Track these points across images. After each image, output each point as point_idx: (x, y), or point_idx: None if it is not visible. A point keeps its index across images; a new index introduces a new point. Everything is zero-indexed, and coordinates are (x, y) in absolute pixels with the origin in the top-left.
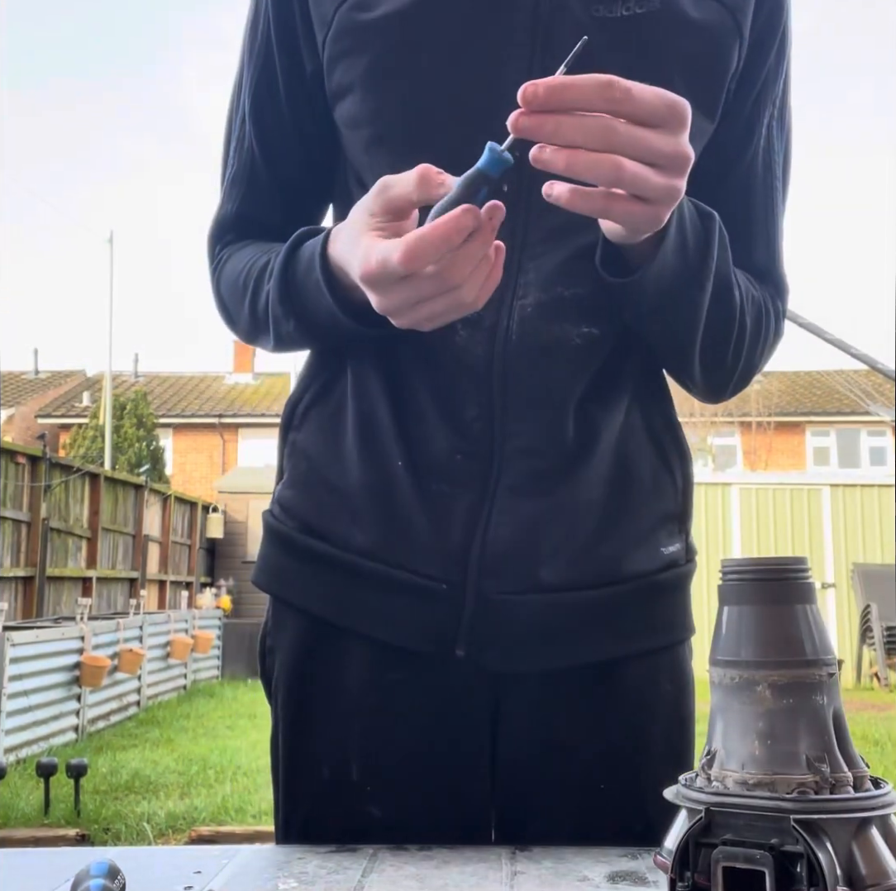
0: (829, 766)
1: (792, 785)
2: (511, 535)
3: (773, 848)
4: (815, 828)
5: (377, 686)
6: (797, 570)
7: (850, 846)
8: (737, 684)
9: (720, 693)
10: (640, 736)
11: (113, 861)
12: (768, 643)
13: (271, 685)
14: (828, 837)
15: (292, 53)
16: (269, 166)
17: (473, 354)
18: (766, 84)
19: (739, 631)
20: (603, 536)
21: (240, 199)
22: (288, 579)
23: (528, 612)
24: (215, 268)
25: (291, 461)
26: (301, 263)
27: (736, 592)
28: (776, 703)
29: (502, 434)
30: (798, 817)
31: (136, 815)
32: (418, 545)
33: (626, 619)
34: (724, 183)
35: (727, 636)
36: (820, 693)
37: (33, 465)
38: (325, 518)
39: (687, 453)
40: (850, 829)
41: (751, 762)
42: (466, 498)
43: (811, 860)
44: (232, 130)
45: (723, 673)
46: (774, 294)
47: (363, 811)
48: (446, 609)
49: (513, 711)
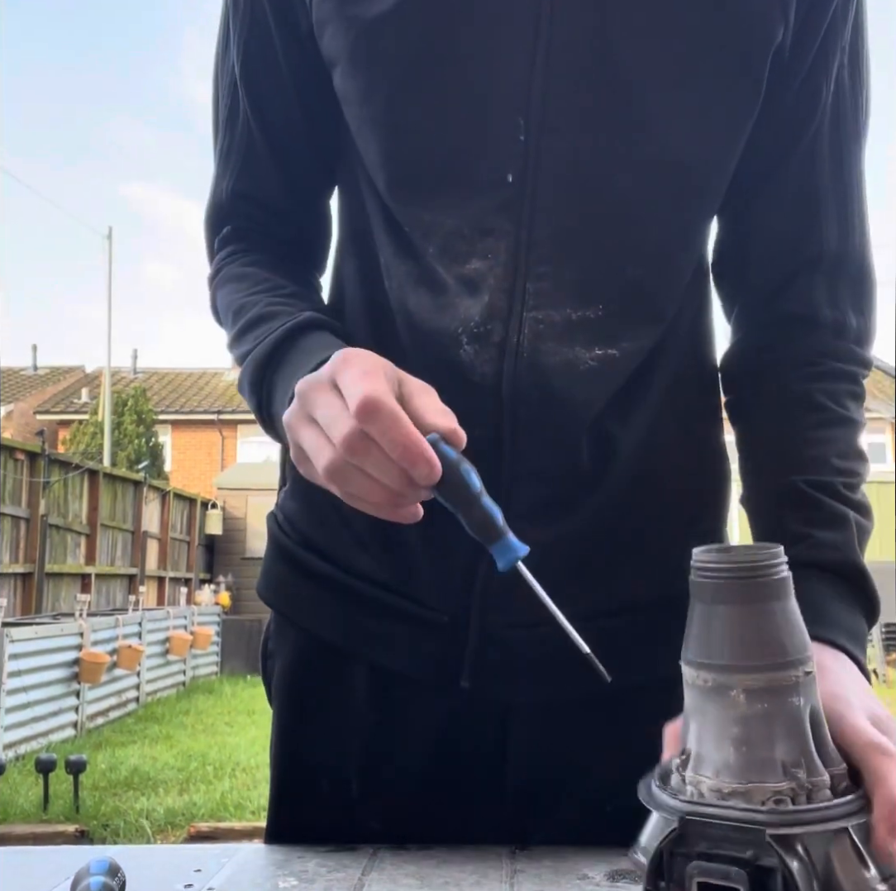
0: (806, 770)
1: (767, 794)
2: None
3: (749, 863)
4: (790, 840)
5: (378, 705)
6: (771, 565)
7: (829, 855)
8: (710, 688)
9: (694, 694)
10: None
11: (113, 859)
12: (741, 646)
13: (271, 688)
14: (804, 848)
15: (284, 9)
16: (267, 137)
17: (480, 372)
18: (833, 29)
19: (711, 632)
20: (620, 562)
21: (235, 174)
22: (291, 596)
23: (534, 645)
24: (214, 274)
25: (294, 471)
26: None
27: (707, 590)
28: (750, 708)
29: (511, 457)
30: (773, 831)
31: (135, 811)
32: (421, 575)
33: (645, 645)
34: (786, 158)
35: (699, 636)
36: (796, 694)
37: (32, 461)
38: (329, 538)
39: (725, 471)
40: (828, 837)
41: (725, 770)
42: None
43: (786, 876)
44: (220, 98)
45: (695, 674)
46: (854, 362)
47: (356, 830)
48: (449, 640)
49: (522, 736)
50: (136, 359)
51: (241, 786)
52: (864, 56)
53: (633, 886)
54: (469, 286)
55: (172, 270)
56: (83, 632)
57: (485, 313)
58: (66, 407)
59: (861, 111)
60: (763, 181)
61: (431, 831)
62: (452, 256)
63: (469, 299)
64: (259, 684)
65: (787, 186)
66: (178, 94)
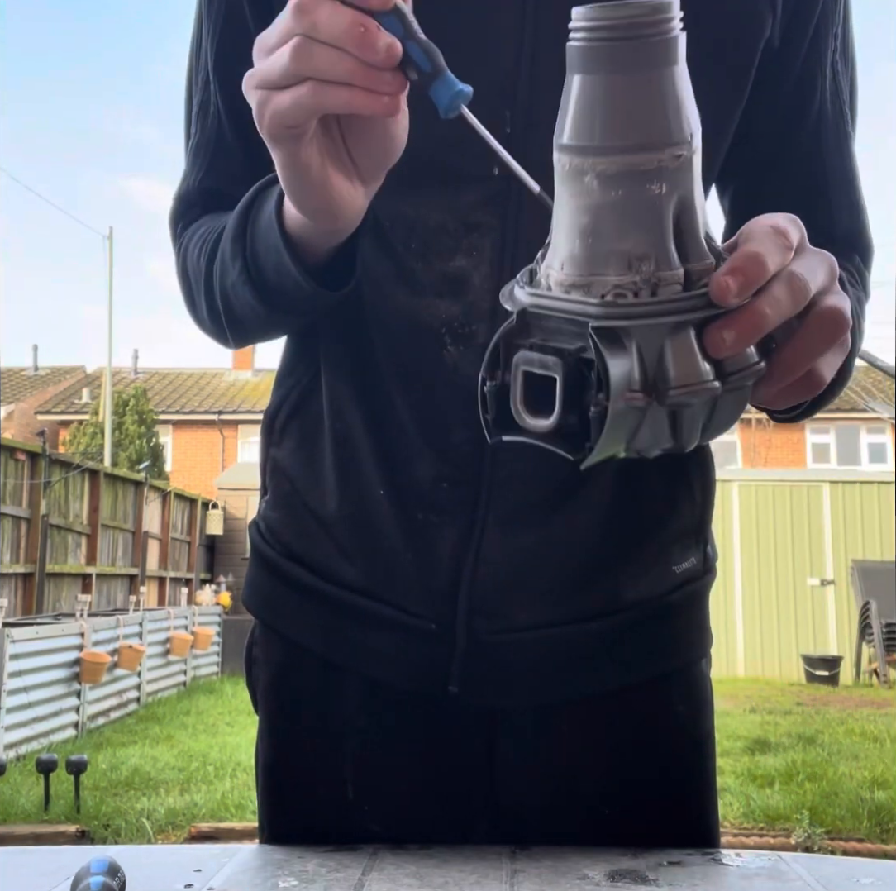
0: (655, 264)
1: (608, 287)
2: (501, 573)
3: (571, 354)
4: (617, 334)
5: (365, 712)
6: (654, 22)
7: (663, 351)
8: (567, 173)
9: (557, 181)
10: (649, 764)
11: (113, 859)
12: (601, 124)
13: (256, 694)
14: (636, 343)
15: (261, 1)
16: (239, 134)
17: (464, 374)
18: (824, 18)
19: (575, 107)
20: (604, 565)
21: (204, 170)
22: (275, 607)
23: (521, 649)
24: (179, 248)
25: (274, 480)
26: (266, 200)
27: (576, 56)
28: (603, 196)
29: (493, 460)
30: (598, 323)
31: (136, 811)
32: (404, 582)
33: (629, 647)
34: (791, 143)
35: (563, 113)
36: (657, 182)
37: (33, 461)
38: (311, 548)
39: (708, 464)
40: (663, 332)
41: (570, 262)
42: (453, 531)
43: (600, 369)
44: (193, 93)
45: (557, 158)
46: (860, 263)
47: (352, 834)
48: (436, 648)
49: (511, 741)
50: (137, 359)
51: (241, 786)
52: (852, 43)
53: (634, 886)
54: (452, 284)
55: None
56: (84, 632)
57: (469, 313)
58: (66, 407)
59: (854, 96)
60: (769, 170)
61: (425, 838)
62: (436, 253)
63: (451, 298)
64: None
65: (794, 175)
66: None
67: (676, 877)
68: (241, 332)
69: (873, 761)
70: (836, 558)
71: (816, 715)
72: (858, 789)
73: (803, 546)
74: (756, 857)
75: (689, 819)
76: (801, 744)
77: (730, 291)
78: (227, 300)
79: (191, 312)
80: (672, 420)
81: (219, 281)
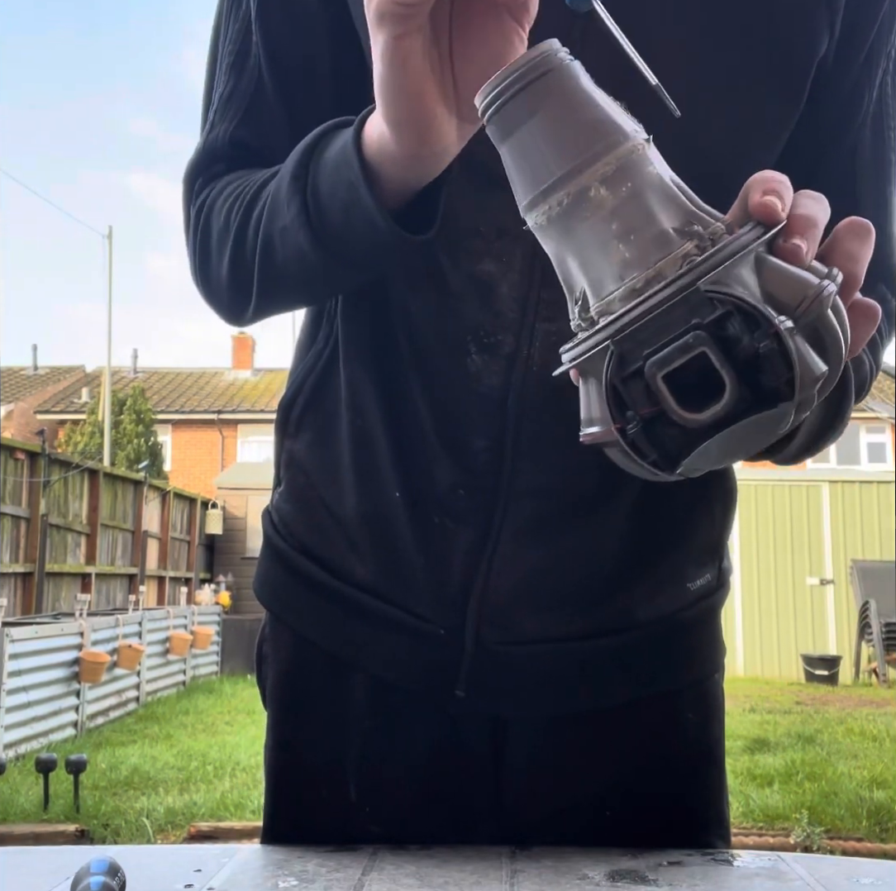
0: (700, 224)
1: (678, 261)
2: (514, 585)
3: (699, 326)
4: (724, 282)
5: (374, 710)
6: (548, 56)
7: (761, 283)
8: (568, 205)
9: (555, 230)
10: (659, 773)
11: (113, 859)
12: (574, 141)
13: (265, 691)
14: (738, 282)
15: None
16: (280, 88)
17: (487, 383)
18: (879, 37)
19: (534, 155)
20: (618, 583)
21: (237, 120)
22: (287, 600)
23: (530, 661)
24: (198, 202)
25: (289, 472)
26: (335, 138)
27: (504, 119)
28: (616, 195)
29: (512, 471)
30: (704, 282)
31: (136, 810)
32: (416, 586)
33: (641, 663)
34: (827, 161)
35: (523, 170)
36: (650, 163)
37: (32, 460)
38: (325, 544)
39: (731, 484)
40: (750, 267)
41: (626, 267)
42: (467, 540)
43: (740, 309)
44: (224, 45)
45: (546, 207)
46: (886, 291)
47: (355, 834)
48: (444, 653)
49: (518, 747)
50: (137, 358)
51: (241, 785)
52: None
53: (634, 886)
54: (480, 289)
55: (174, 265)
56: (83, 631)
57: (495, 323)
58: (66, 407)
59: None
60: (802, 186)
61: (429, 840)
62: (465, 253)
63: (478, 303)
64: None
65: (826, 194)
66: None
67: (676, 877)
68: (270, 290)
69: (872, 761)
70: (836, 558)
71: (816, 715)
72: (858, 788)
73: (803, 546)
74: (756, 857)
75: (699, 828)
76: (801, 743)
77: (776, 205)
78: (270, 248)
79: (200, 274)
80: (814, 341)
81: (264, 226)
